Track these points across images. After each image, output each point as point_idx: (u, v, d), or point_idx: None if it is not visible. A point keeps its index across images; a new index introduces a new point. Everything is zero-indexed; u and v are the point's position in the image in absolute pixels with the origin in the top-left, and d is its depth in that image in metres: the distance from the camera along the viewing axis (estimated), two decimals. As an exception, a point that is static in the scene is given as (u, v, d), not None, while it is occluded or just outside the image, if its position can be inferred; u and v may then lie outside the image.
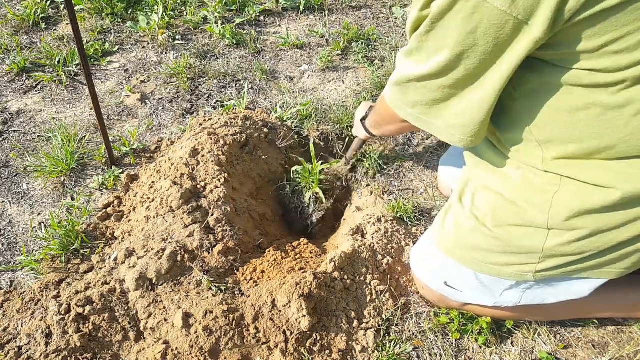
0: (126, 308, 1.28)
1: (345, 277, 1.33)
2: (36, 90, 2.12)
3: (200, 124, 1.84)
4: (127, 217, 1.58)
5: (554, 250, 1.02)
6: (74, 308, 1.24)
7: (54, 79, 2.15)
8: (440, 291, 1.26)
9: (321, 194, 1.69)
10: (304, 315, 1.22)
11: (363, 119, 1.52)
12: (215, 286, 1.31)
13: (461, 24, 0.82)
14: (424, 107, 1.01)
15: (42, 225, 1.57)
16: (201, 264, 1.36)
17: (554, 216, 0.98)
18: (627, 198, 0.90)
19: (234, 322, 1.22)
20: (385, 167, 1.80)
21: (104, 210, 1.60)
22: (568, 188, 0.97)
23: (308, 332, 1.24)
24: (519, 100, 0.97)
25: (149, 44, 2.41)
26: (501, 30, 0.80)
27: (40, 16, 2.52)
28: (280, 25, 2.56)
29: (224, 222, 1.46)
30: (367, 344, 1.26)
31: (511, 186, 1.06)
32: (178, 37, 2.44)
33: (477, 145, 1.03)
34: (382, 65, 2.23)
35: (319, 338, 1.24)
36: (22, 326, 1.25)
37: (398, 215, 1.58)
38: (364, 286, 1.34)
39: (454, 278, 1.21)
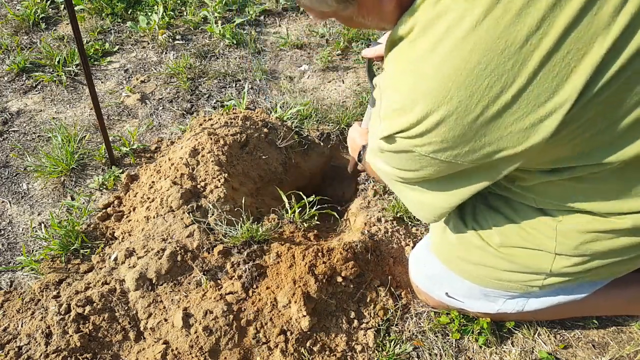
0: (126, 308, 1.28)
1: (346, 277, 1.32)
2: (36, 90, 2.12)
3: (200, 124, 1.84)
4: (127, 217, 1.58)
5: (561, 271, 1.02)
6: (74, 308, 1.24)
7: (54, 79, 2.15)
8: (441, 300, 1.26)
9: None
10: (304, 315, 1.23)
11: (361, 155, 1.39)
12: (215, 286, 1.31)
13: (414, 163, 0.85)
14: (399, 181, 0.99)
15: (42, 225, 1.57)
16: (201, 264, 1.36)
17: (561, 243, 0.97)
18: (637, 226, 0.89)
19: (234, 322, 1.22)
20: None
21: (104, 210, 1.60)
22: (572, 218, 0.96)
23: (308, 332, 1.24)
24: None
25: (149, 44, 2.41)
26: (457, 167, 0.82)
27: (40, 16, 2.52)
28: (280, 25, 2.56)
29: (224, 222, 1.46)
30: (367, 344, 1.26)
31: (518, 213, 1.05)
32: (178, 37, 2.44)
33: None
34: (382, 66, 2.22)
35: (319, 338, 1.24)
36: (22, 326, 1.25)
37: (398, 215, 1.58)
38: (364, 286, 1.34)
39: (457, 290, 1.21)
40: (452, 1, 0.71)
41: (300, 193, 1.62)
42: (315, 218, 1.58)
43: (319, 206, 1.56)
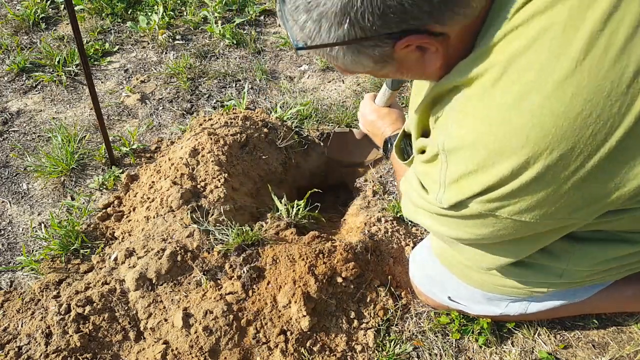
0: (126, 308, 1.28)
1: (346, 277, 1.32)
2: (36, 90, 2.12)
3: (200, 124, 1.84)
4: (127, 217, 1.58)
5: (568, 280, 1.01)
6: (74, 308, 1.24)
7: (54, 79, 2.15)
8: (443, 303, 1.26)
9: None
10: (304, 315, 1.23)
11: (387, 144, 1.34)
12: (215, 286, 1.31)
13: (490, 229, 0.76)
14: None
15: (42, 225, 1.57)
16: (201, 264, 1.36)
17: (574, 264, 0.96)
18: None
19: (234, 322, 1.22)
20: (385, 167, 1.80)
21: (104, 210, 1.60)
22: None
23: (308, 332, 1.24)
24: None
25: (149, 44, 2.41)
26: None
27: (40, 16, 2.52)
28: (280, 25, 2.56)
29: (224, 222, 1.46)
30: (367, 344, 1.26)
31: None
32: (178, 37, 2.44)
33: None
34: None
35: (319, 338, 1.24)
36: (22, 326, 1.25)
37: (398, 215, 1.58)
38: (364, 286, 1.34)
39: (459, 294, 1.20)
40: (539, 34, 0.62)
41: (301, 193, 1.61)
42: (312, 218, 1.58)
43: (319, 204, 1.56)
